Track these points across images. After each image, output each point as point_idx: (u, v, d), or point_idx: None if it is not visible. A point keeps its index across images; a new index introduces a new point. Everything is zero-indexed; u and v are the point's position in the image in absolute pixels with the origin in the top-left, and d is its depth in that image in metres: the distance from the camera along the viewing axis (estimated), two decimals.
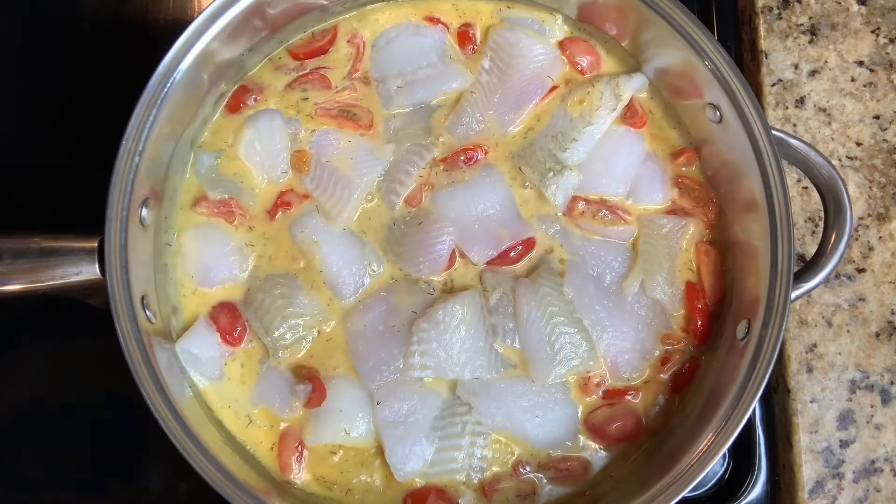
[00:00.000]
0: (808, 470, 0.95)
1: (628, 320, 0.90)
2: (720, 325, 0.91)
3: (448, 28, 0.96)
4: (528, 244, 0.92)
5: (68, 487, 0.97)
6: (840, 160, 1.01)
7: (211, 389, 0.89)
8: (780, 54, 1.03)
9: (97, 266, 0.81)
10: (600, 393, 0.90)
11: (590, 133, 0.93)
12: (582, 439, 0.89)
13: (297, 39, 0.96)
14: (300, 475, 0.88)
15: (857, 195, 1.00)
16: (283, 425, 0.89)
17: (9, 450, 0.97)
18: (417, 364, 0.87)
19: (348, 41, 0.96)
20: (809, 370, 0.96)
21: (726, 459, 0.98)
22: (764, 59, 1.03)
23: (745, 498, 0.97)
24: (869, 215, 1.00)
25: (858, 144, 1.02)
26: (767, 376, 0.80)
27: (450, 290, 0.91)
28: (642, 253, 0.92)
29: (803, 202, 1.00)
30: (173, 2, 1.07)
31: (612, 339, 0.90)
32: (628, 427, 0.89)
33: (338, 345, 0.90)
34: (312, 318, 0.90)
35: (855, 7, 1.05)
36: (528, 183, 0.94)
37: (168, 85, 0.83)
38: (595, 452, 0.89)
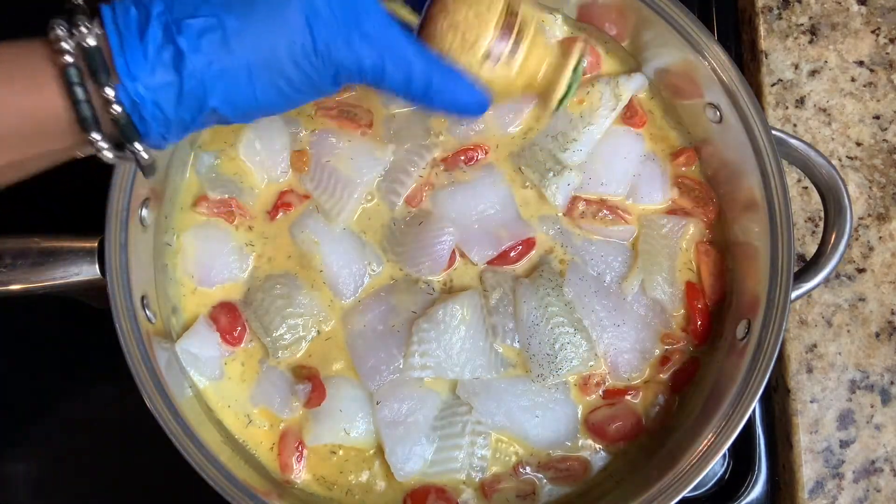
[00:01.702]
0: (808, 470, 0.95)
1: (628, 320, 0.90)
2: (720, 325, 0.91)
3: None
4: (529, 244, 0.92)
5: (67, 487, 0.97)
6: (840, 160, 1.01)
7: (211, 389, 0.89)
8: (780, 54, 1.03)
9: (97, 266, 0.81)
10: (600, 393, 0.90)
11: (590, 133, 0.93)
12: (582, 439, 0.89)
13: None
14: (300, 475, 0.88)
15: (857, 195, 1.00)
16: (282, 425, 0.89)
17: (8, 449, 0.97)
18: (417, 364, 0.87)
19: None
20: (809, 370, 0.97)
21: (726, 459, 0.98)
22: (764, 59, 1.03)
23: (745, 498, 0.97)
24: (869, 215, 1.00)
25: (858, 144, 1.02)
26: (767, 376, 0.80)
27: (449, 290, 0.91)
28: (642, 253, 0.92)
29: (803, 202, 1.00)
30: None
31: (612, 339, 0.90)
32: (628, 427, 0.89)
33: (337, 345, 0.90)
34: (312, 318, 0.90)
35: (855, 7, 1.05)
36: (528, 183, 0.94)
37: None
38: (595, 452, 0.89)
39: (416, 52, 0.63)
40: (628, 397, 0.90)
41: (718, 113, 0.88)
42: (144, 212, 0.84)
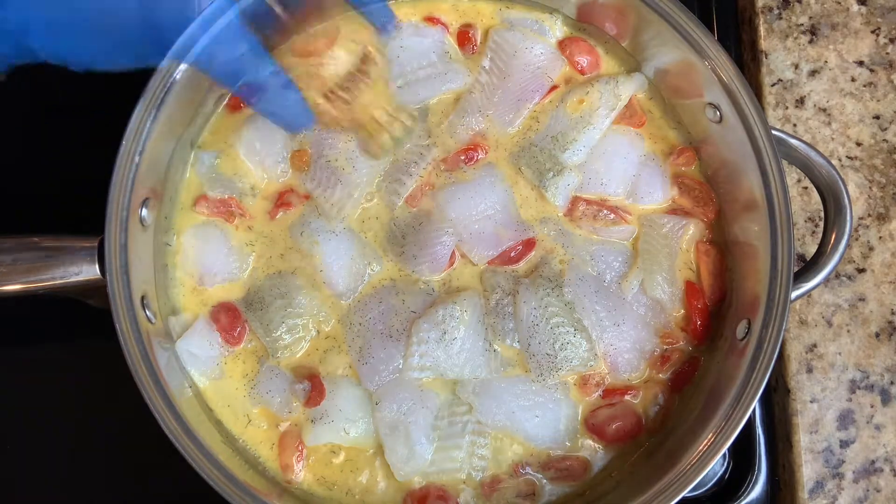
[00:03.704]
0: (808, 470, 0.95)
1: (628, 320, 0.90)
2: (720, 325, 0.91)
3: (448, 28, 0.96)
4: (529, 244, 0.92)
5: (67, 487, 0.97)
6: (840, 160, 1.01)
7: (211, 389, 0.89)
8: (780, 54, 1.03)
9: (97, 266, 0.81)
10: (600, 392, 0.90)
11: (589, 133, 0.93)
12: (582, 439, 0.89)
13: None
14: (300, 475, 0.88)
15: (857, 195, 1.00)
16: (282, 425, 0.89)
17: (7, 449, 0.97)
18: (417, 364, 0.87)
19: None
20: (809, 370, 0.97)
21: (726, 459, 0.98)
22: (764, 59, 1.03)
23: (745, 498, 0.97)
24: (869, 215, 1.00)
25: (858, 144, 1.02)
26: (767, 376, 0.80)
27: (449, 291, 0.91)
28: (642, 252, 0.92)
29: (803, 202, 1.00)
30: None
31: (612, 339, 0.90)
32: (628, 427, 0.89)
33: (337, 345, 0.90)
34: (312, 318, 0.90)
35: (855, 7, 1.05)
36: (528, 183, 0.94)
37: (168, 84, 0.83)
38: (595, 452, 0.89)
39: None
40: (628, 397, 0.90)
41: (718, 113, 0.88)
42: (144, 212, 0.84)
